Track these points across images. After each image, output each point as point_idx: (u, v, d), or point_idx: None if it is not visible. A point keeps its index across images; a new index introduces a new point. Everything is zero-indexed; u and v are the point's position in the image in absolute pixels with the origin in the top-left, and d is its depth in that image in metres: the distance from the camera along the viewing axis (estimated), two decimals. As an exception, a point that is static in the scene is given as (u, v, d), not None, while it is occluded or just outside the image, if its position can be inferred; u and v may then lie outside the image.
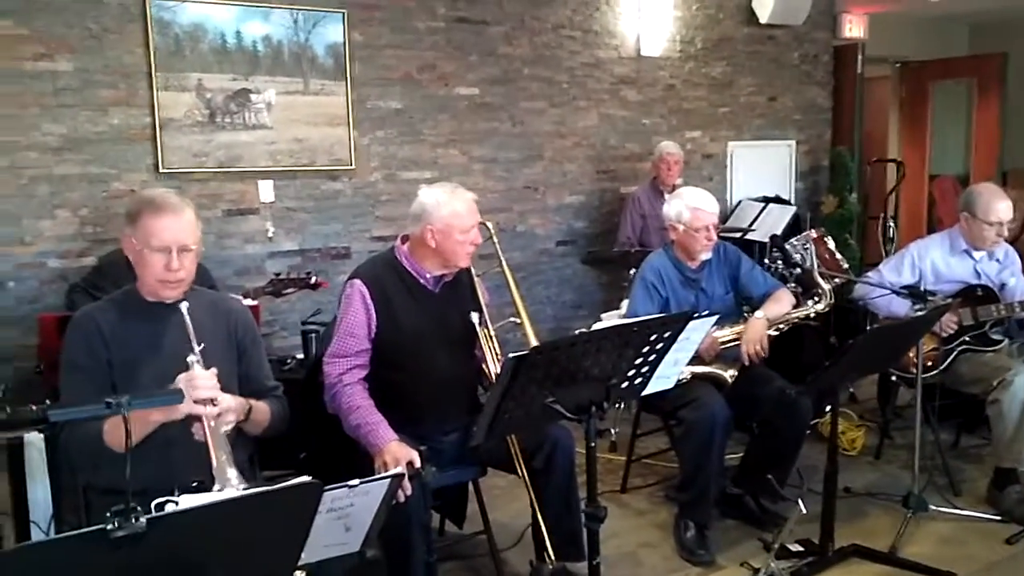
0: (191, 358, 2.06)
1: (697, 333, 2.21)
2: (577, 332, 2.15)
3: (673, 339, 2.17)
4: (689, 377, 3.11)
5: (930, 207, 8.12)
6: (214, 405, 1.99)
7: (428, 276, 2.75)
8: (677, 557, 3.13)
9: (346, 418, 2.59)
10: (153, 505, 1.54)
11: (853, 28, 7.00)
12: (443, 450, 2.71)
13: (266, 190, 4.64)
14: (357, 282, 2.72)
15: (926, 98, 8.18)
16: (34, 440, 2.94)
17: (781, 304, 3.34)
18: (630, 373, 2.19)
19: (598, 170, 5.75)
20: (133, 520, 1.33)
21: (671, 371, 2.28)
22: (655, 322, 2.16)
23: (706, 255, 3.36)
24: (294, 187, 4.73)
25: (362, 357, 2.68)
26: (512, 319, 3.02)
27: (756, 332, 3.20)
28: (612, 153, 5.79)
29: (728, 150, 6.30)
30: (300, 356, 3.93)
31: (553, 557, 2.78)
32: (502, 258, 3.11)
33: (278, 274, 3.89)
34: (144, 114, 4.29)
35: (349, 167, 4.85)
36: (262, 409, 2.26)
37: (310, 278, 3.82)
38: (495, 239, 3.12)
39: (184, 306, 2.14)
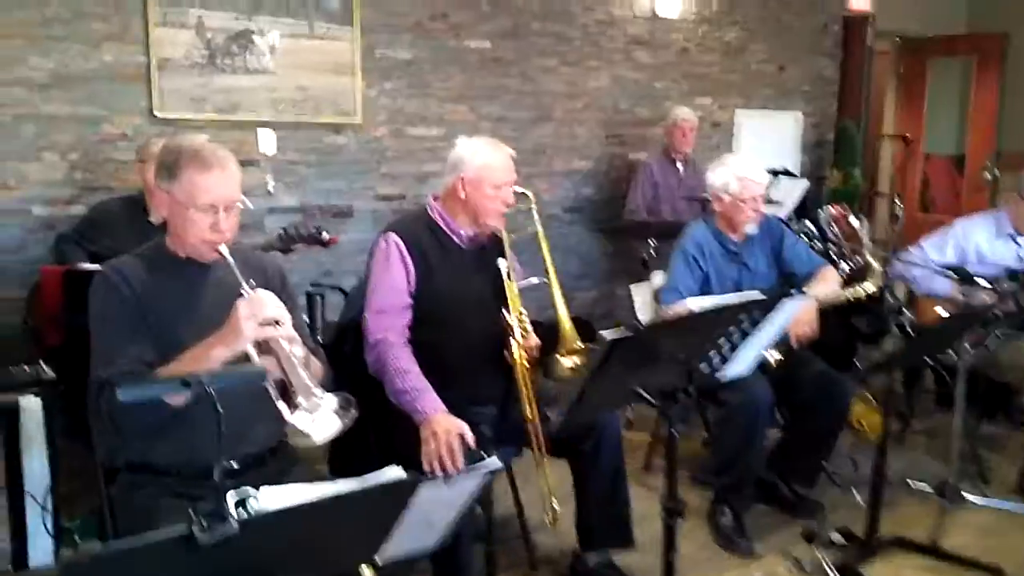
0: (243, 290, 1.87)
1: (785, 315, 2.05)
2: (677, 314, 1.97)
3: (762, 320, 2.01)
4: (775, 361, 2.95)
5: (924, 186, 8.08)
6: (280, 326, 1.82)
7: (461, 233, 2.58)
8: (713, 544, 3.01)
9: (392, 380, 2.42)
10: (233, 501, 1.34)
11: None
12: (479, 424, 2.54)
13: (266, 141, 4.35)
14: (392, 235, 2.55)
15: (923, 75, 8.08)
16: (30, 405, 2.69)
17: (828, 283, 3.20)
18: (713, 356, 2.03)
19: (608, 134, 5.54)
20: (224, 520, 1.14)
21: (751, 354, 2.12)
22: (751, 303, 1.99)
23: (751, 228, 3.20)
24: (296, 139, 4.44)
25: (406, 315, 2.52)
26: (532, 279, 2.78)
27: (806, 313, 3.06)
28: (622, 117, 5.59)
29: (736, 119, 6.13)
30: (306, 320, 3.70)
31: (595, 545, 2.66)
32: (539, 229, 2.84)
33: (286, 229, 3.63)
34: (139, 51, 3.96)
35: (355, 120, 4.57)
36: (316, 363, 2.07)
37: (320, 233, 3.56)
38: (535, 209, 2.85)
39: (225, 249, 1.95)
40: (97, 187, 3.94)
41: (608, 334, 1.76)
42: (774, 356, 3.07)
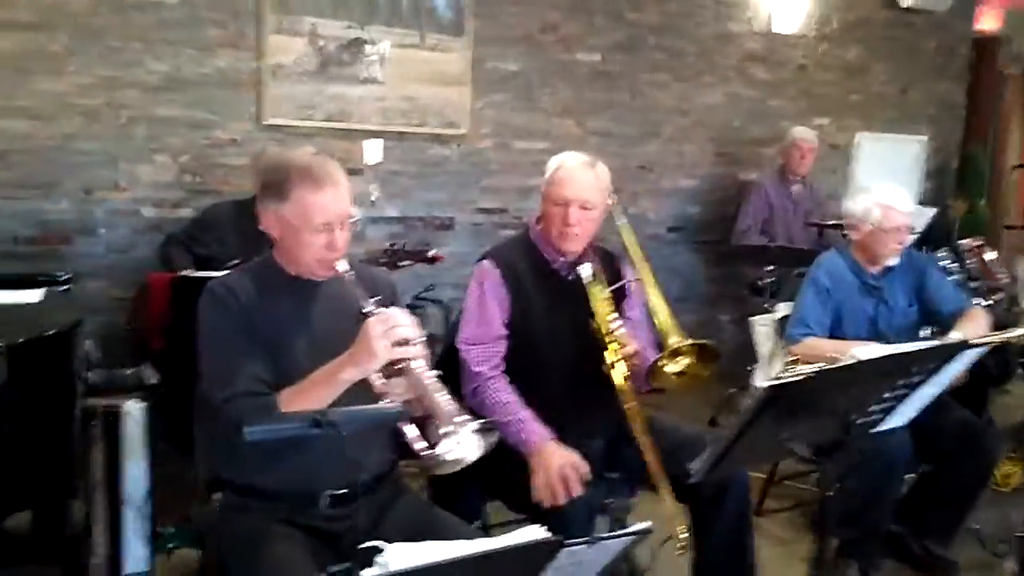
0: (368, 307, 1.75)
1: (961, 364, 1.81)
2: (846, 361, 1.76)
3: (936, 371, 1.77)
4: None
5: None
6: (413, 345, 1.68)
7: (560, 259, 2.39)
8: (837, 602, 2.75)
9: (492, 414, 2.23)
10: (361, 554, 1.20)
11: (986, 20, 6.42)
12: (589, 458, 2.35)
13: (372, 151, 4.28)
14: (486, 263, 2.39)
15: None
16: (133, 410, 2.64)
17: (979, 325, 2.90)
18: (875, 408, 1.80)
19: (717, 152, 5.31)
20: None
21: (914, 407, 1.89)
22: (929, 351, 1.77)
23: (893, 260, 2.94)
24: (401, 149, 4.37)
25: (500, 345, 2.34)
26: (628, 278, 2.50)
27: (954, 356, 2.77)
28: (734, 136, 5.34)
29: (856, 141, 5.79)
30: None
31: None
32: (625, 237, 2.47)
33: (393, 244, 3.54)
34: (251, 58, 3.95)
35: (459, 131, 4.47)
36: None
37: (428, 250, 3.47)
38: (617, 216, 2.60)
39: (344, 265, 1.83)
40: (206, 191, 3.93)
41: (762, 381, 1.56)
42: None
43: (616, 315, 2.31)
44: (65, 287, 3.04)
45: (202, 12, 3.81)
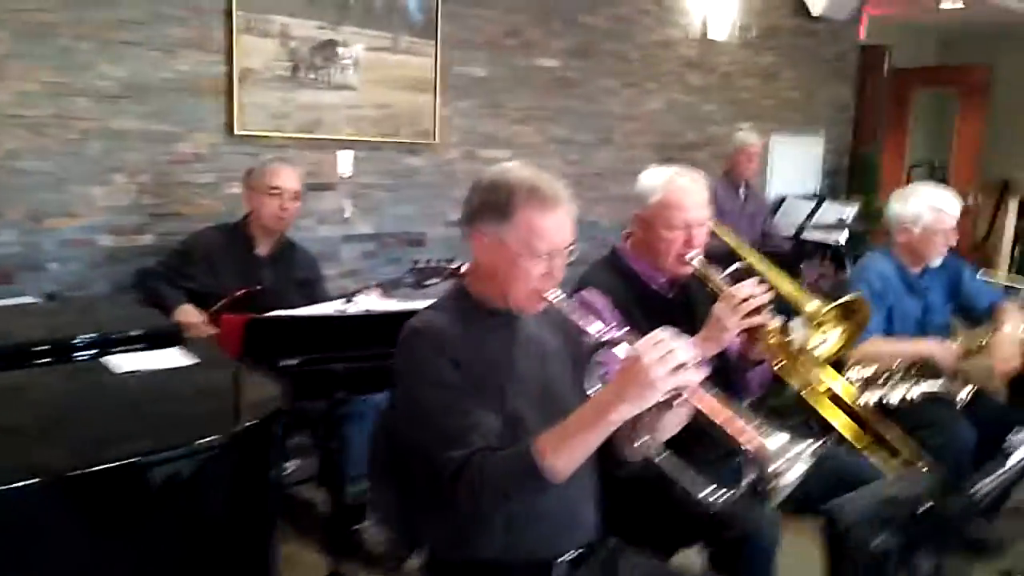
0: (608, 335, 1.57)
1: None
2: None
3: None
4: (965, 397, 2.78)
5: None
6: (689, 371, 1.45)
7: (661, 280, 2.25)
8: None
9: None
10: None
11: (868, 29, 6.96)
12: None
13: (345, 162, 3.93)
14: (591, 293, 2.17)
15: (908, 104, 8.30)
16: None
17: (1015, 317, 3.07)
18: None
19: (661, 158, 5.35)
20: None
21: None
22: None
23: (936, 261, 3.05)
24: (374, 160, 4.04)
25: None
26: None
27: (1010, 348, 2.91)
28: (673, 141, 5.41)
29: (770, 143, 6.06)
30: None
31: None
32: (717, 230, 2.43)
33: (416, 261, 3.24)
34: (218, 61, 3.49)
35: (431, 141, 4.20)
36: None
37: (452, 263, 3.20)
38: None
39: (556, 293, 1.63)
40: (166, 214, 3.43)
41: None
42: (962, 391, 2.92)
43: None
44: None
45: (163, 8, 3.32)
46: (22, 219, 3.12)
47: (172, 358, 1.62)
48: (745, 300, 2.00)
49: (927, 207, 2.97)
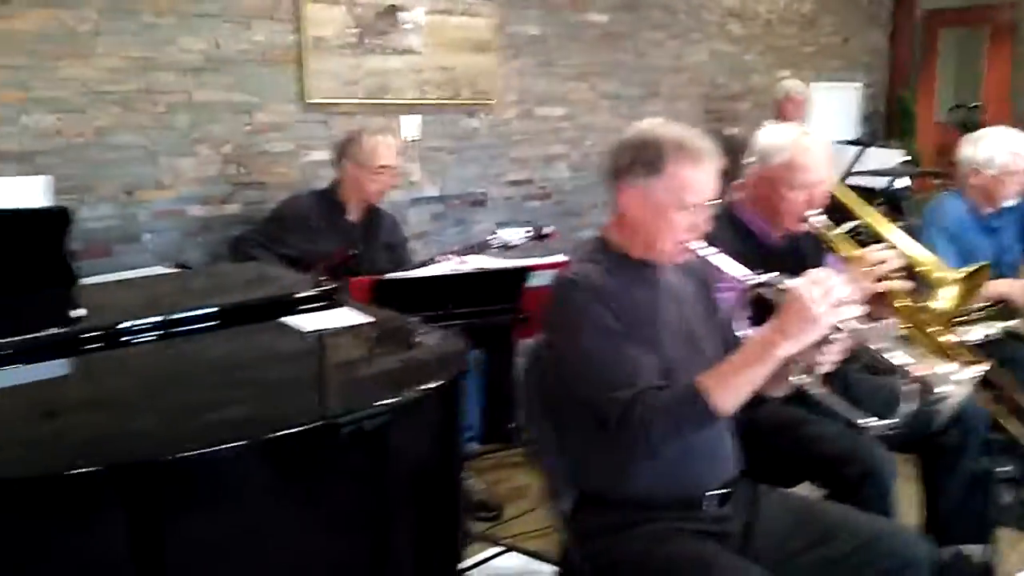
0: (755, 278, 1.68)
1: None
2: None
3: None
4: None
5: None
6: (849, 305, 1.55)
7: (775, 235, 2.30)
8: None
9: None
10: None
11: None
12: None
13: (410, 126, 4.00)
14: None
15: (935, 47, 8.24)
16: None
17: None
18: None
19: (706, 109, 5.40)
20: None
21: None
22: None
23: (1011, 202, 3.13)
24: (439, 123, 4.11)
25: None
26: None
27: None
28: (718, 92, 5.45)
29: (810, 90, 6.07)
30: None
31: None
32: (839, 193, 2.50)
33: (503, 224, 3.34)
34: (288, 30, 3.55)
35: (490, 101, 4.26)
36: None
37: (540, 228, 3.29)
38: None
39: (700, 244, 1.73)
40: (249, 183, 3.53)
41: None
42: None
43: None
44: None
45: (237, -21, 3.38)
46: (116, 193, 3.21)
47: (347, 316, 1.72)
48: (877, 264, 2.02)
49: (1003, 149, 3.04)
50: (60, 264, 2.04)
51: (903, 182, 5.02)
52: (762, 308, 1.77)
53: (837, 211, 2.37)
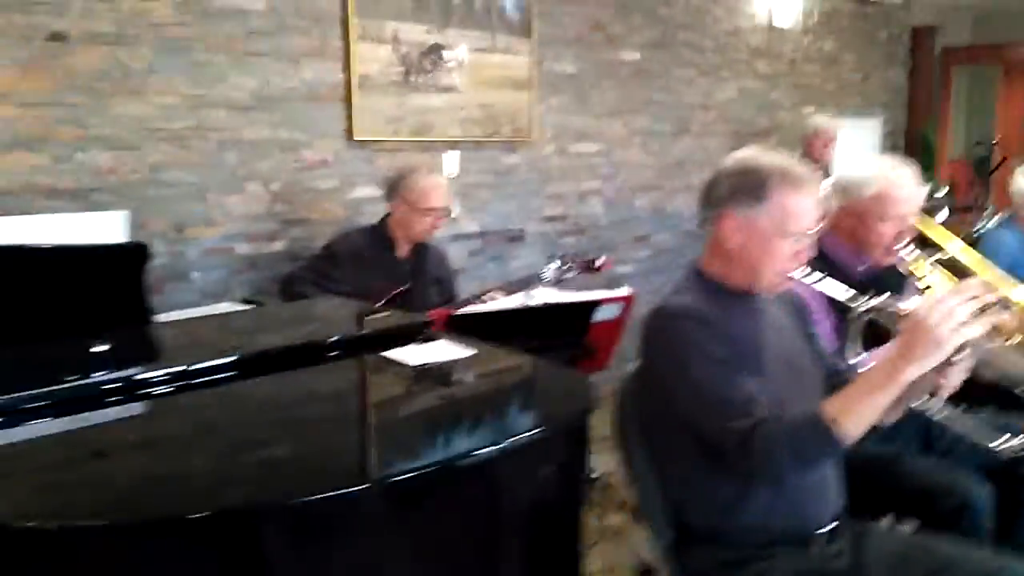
0: (863, 304, 1.68)
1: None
2: None
3: None
4: None
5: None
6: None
7: (860, 267, 2.28)
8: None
9: None
10: None
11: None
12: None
13: (451, 163, 4.01)
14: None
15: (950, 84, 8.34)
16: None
17: None
18: None
19: (733, 146, 5.40)
20: None
21: None
22: None
23: (1063, 233, 3.13)
24: (478, 159, 4.12)
25: None
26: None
27: None
28: (747, 128, 5.48)
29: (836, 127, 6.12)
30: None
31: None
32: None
33: (563, 256, 3.32)
34: (337, 69, 3.56)
35: (528, 138, 4.28)
36: None
37: (593, 260, 3.28)
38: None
39: (801, 272, 1.74)
40: (295, 220, 3.51)
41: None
42: None
43: None
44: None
45: (288, 19, 3.39)
46: (167, 230, 3.19)
47: (448, 350, 1.68)
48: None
49: (1054, 181, 3.05)
50: (138, 300, 2.01)
51: (942, 215, 5.02)
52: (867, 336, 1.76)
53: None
